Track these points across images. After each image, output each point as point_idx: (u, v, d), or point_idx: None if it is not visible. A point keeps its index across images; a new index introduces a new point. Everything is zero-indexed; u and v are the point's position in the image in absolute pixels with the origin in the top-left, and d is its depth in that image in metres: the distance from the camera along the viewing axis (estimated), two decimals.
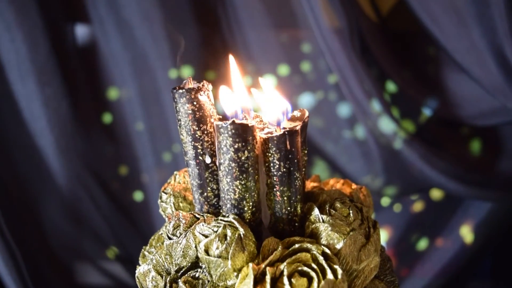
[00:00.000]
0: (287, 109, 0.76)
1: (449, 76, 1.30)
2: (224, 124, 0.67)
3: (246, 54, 1.37)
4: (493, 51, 1.16)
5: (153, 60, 1.33)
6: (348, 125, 1.38)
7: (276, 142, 0.69)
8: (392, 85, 1.34)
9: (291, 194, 0.71)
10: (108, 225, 1.41)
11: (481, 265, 1.44)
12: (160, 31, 1.30)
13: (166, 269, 0.73)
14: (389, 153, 1.33)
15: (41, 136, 1.31)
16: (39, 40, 1.26)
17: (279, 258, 0.68)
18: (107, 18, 1.31)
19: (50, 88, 1.28)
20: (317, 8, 1.24)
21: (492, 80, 1.19)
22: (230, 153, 0.68)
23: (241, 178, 0.69)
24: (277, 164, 0.70)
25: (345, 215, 0.73)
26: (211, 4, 1.35)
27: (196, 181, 0.74)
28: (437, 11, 1.21)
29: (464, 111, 1.30)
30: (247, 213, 0.71)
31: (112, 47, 1.34)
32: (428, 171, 1.28)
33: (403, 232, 1.44)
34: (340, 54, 1.25)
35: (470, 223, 1.37)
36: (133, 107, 1.38)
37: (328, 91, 1.38)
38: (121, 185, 1.45)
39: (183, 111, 0.71)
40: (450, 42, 1.22)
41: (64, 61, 1.30)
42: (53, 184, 1.35)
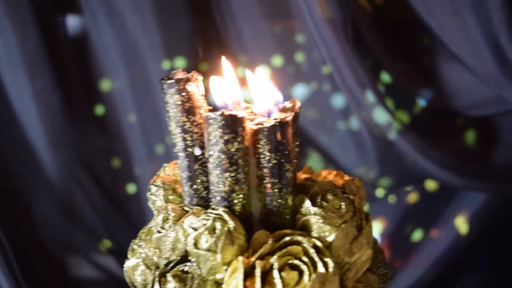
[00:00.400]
0: (279, 99, 0.75)
1: (444, 66, 1.29)
2: (214, 115, 0.66)
3: (239, 44, 1.36)
4: (488, 41, 1.15)
5: (145, 51, 1.31)
6: (342, 116, 1.37)
7: (266, 133, 0.68)
8: (386, 76, 1.33)
9: (282, 186, 0.70)
10: (100, 218, 1.40)
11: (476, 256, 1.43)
12: (152, 21, 1.29)
13: (155, 263, 0.72)
14: (383, 144, 1.32)
15: (31, 129, 1.30)
16: (29, 30, 1.24)
17: (270, 251, 0.67)
18: (98, 9, 1.29)
19: (40, 79, 1.27)
20: None
21: (487, 70, 1.18)
22: (219, 144, 0.67)
23: (231, 170, 0.68)
24: (267, 156, 0.69)
25: (337, 207, 0.72)
26: None
27: (186, 173, 0.73)
28: (432, 1, 1.20)
29: (459, 101, 1.29)
30: (237, 206, 0.70)
31: (103, 38, 1.32)
32: (422, 162, 1.28)
33: (397, 223, 1.43)
34: (333, 44, 1.24)
35: (465, 214, 1.36)
36: (125, 98, 1.37)
37: (322, 82, 1.36)
38: (113, 177, 1.44)
39: (171, 102, 0.70)
40: (445, 32, 1.21)
41: (55, 52, 1.29)
42: (44, 177, 1.34)
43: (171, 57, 1.32)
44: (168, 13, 1.30)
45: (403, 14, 1.29)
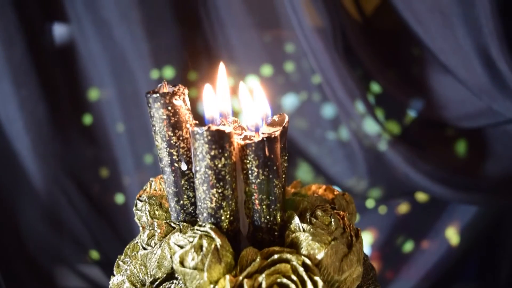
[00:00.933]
0: (267, 114, 0.73)
1: (434, 77, 1.28)
2: (200, 130, 0.64)
3: (229, 54, 1.35)
4: (478, 52, 1.14)
5: (132, 60, 1.30)
6: (332, 127, 1.36)
7: (254, 149, 0.66)
8: (376, 86, 1.32)
9: (270, 203, 0.69)
10: (87, 229, 1.39)
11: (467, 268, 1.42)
12: (140, 30, 1.27)
13: (140, 280, 0.70)
14: (373, 155, 1.31)
15: (17, 139, 1.28)
16: (14, 39, 1.23)
17: (258, 270, 0.65)
18: (85, 17, 1.28)
19: (26, 89, 1.25)
20: (299, 7, 1.21)
21: (477, 81, 1.17)
22: (206, 160, 0.65)
23: (218, 186, 0.66)
24: (255, 172, 0.67)
25: (326, 223, 0.71)
26: (192, 3, 1.32)
27: (172, 188, 0.71)
28: (422, 11, 1.19)
29: (449, 113, 1.28)
30: (225, 222, 0.68)
31: (90, 47, 1.31)
32: (413, 174, 1.27)
33: (388, 234, 1.42)
34: (323, 54, 1.23)
35: (456, 225, 1.36)
36: (113, 108, 1.35)
37: (312, 92, 1.35)
38: (101, 188, 1.42)
39: (157, 116, 0.68)
40: (434, 43, 1.21)
41: (41, 61, 1.27)
42: (30, 188, 1.32)
43: (159, 66, 1.31)
44: (156, 22, 1.29)
45: (392, 24, 1.29)
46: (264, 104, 0.73)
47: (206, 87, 0.73)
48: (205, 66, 1.37)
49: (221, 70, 0.76)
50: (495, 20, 1.11)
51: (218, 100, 0.73)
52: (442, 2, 1.15)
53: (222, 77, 0.75)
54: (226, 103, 0.74)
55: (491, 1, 1.10)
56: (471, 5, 1.12)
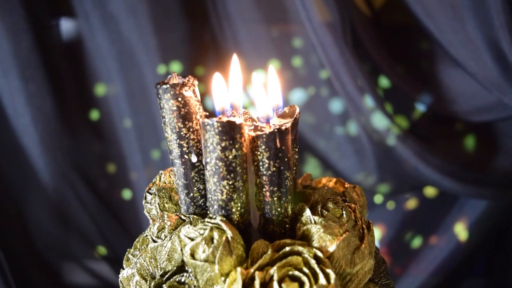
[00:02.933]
0: (278, 105, 0.72)
1: (444, 71, 1.28)
2: (211, 121, 0.63)
3: (236, 49, 1.34)
4: (488, 45, 1.14)
5: (140, 55, 1.30)
6: (340, 122, 1.36)
7: (265, 140, 0.65)
8: (385, 80, 1.32)
9: (281, 195, 0.68)
10: (95, 224, 1.39)
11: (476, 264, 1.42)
12: (147, 25, 1.27)
13: (150, 273, 0.70)
14: (382, 149, 1.31)
15: (25, 134, 1.28)
16: (22, 34, 1.22)
17: (269, 262, 0.65)
18: (93, 12, 1.27)
19: (34, 84, 1.25)
20: (309, 2, 1.21)
21: (487, 74, 1.16)
22: (217, 151, 0.64)
23: (229, 178, 0.65)
24: (266, 163, 0.66)
25: (338, 216, 0.70)
26: None
27: (182, 181, 0.71)
28: (432, 4, 1.18)
29: (460, 107, 1.27)
30: (235, 215, 0.68)
31: (97, 42, 1.30)
32: (423, 168, 1.26)
33: (396, 230, 1.42)
34: (332, 48, 1.22)
35: (464, 221, 1.35)
36: (120, 103, 1.35)
37: (320, 87, 1.35)
38: (108, 183, 1.42)
39: (167, 108, 0.67)
40: (444, 36, 1.20)
41: (48, 56, 1.27)
42: (38, 183, 1.32)
43: (167, 61, 1.30)
44: (164, 16, 1.28)
45: (402, 17, 1.28)
46: (277, 94, 0.72)
47: (215, 76, 0.72)
48: (213, 61, 1.37)
49: (234, 62, 0.75)
50: (506, 13, 1.10)
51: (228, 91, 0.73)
52: None
53: (235, 70, 0.75)
54: (237, 95, 0.73)
55: None
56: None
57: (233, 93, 0.72)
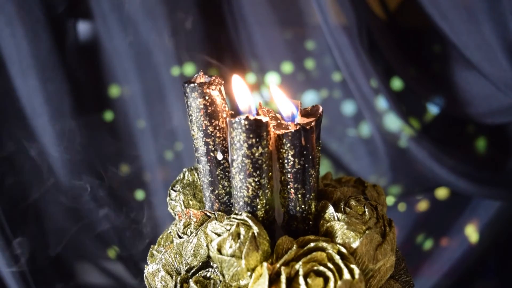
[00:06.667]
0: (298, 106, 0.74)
1: (458, 73, 1.28)
2: (238, 120, 0.65)
3: (251, 51, 1.35)
4: (504, 47, 1.14)
5: (156, 56, 1.31)
6: (352, 123, 1.37)
7: (291, 138, 0.67)
8: (399, 82, 1.33)
9: (305, 192, 0.69)
10: (109, 224, 1.40)
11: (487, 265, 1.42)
12: (164, 27, 1.28)
13: (175, 269, 0.71)
14: (395, 151, 1.31)
15: (42, 133, 1.29)
16: (41, 35, 1.24)
17: (294, 258, 0.66)
18: (110, 14, 1.29)
19: (52, 84, 1.26)
20: (324, 4, 1.22)
21: (503, 76, 1.17)
22: (243, 149, 0.66)
23: (255, 175, 0.67)
24: (291, 161, 0.68)
25: (360, 213, 0.71)
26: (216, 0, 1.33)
27: (207, 178, 0.72)
28: (447, 6, 1.19)
29: (474, 109, 1.28)
30: (260, 211, 0.69)
31: (115, 43, 1.31)
32: (438, 169, 1.27)
33: (408, 232, 1.42)
34: (348, 50, 1.23)
35: (475, 223, 1.36)
36: (136, 104, 1.36)
37: (332, 89, 1.36)
38: (123, 183, 1.43)
39: (194, 106, 0.69)
40: (459, 38, 1.20)
41: (67, 57, 1.28)
42: (54, 183, 1.33)
43: (182, 62, 1.31)
44: (181, 19, 1.29)
45: (416, 20, 1.29)
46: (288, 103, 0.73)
47: (234, 78, 0.73)
48: (228, 62, 1.38)
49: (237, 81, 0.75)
50: None
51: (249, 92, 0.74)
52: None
53: (241, 84, 0.75)
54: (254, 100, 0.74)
55: None
56: (496, 1, 1.12)
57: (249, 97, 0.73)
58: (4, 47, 1.23)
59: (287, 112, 0.71)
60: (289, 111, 0.71)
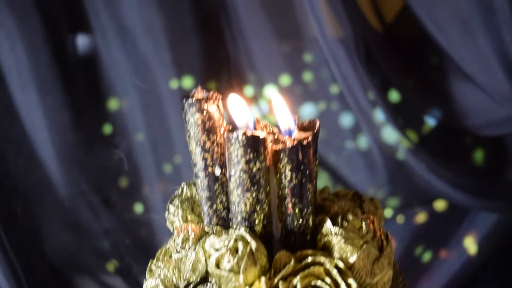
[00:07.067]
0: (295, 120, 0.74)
1: (455, 85, 1.29)
2: (236, 135, 0.65)
3: (249, 63, 1.36)
4: (500, 59, 1.15)
5: (155, 69, 1.31)
6: (350, 136, 1.37)
7: (288, 153, 0.67)
8: (396, 94, 1.33)
9: (303, 206, 0.70)
10: (108, 237, 1.40)
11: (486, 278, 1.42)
12: (163, 40, 1.29)
13: (174, 284, 0.71)
14: (393, 163, 1.32)
15: (42, 147, 1.29)
16: (40, 49, 1.24)
17: (292, 272, 0.66)
18: (109, 28, 1.29)
19: (51, 98, 1.27)
20: (321, 17, 1.23)
21: (499, 88, 1.18)
22: (241, 164, 0.66)
23: (252, 190, 0.67)
24: (288, 176, 0.68)
25: (357, 227, 0.72)
26: (214, 13, 1.34)
27: (206, 193, 0.72)
28: (443, 19, 1.20)
29: (471, 121, 1.29)
30: (258, 226, 0.69)
31: (113, 56, 1.32)
32: (436, 182, 1.27)
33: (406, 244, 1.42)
34: (345, 63, 1.24)
35: (474, 234, 1.36)
36: (134, 117, 1.37)
37: (330, 101, 1.36)
38: (121, 197, 1.43)
39: (192, 121, 0.69)
40: (456, 50, 1.21)
41: (66, 71, 1.29)
42: (53, 196, 1.33)
43: (180, 75, 1.32)
44: (179, 32, 1.30)
45: (413, 32, 1.30)
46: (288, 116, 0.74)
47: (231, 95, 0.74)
48: (226, 76, 1.38)
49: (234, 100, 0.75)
50: None
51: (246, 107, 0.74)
52: (463, 11, 1.16)
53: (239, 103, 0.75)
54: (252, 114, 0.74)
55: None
56: (492, 13, 1.13)
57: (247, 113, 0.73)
58: (3, 60, 1.24)
59: (285, 127, 0.71)
60: (286, 125, 0.71)
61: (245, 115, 0.72)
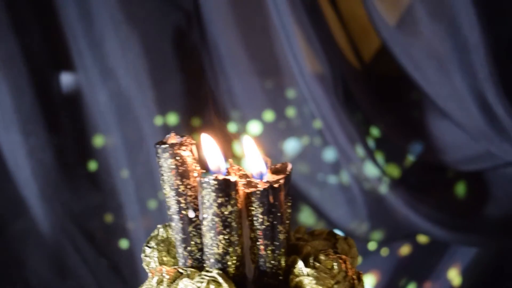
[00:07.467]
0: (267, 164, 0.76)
1: (432, 121, 1.31)
2: (207, 179, 0.67)
3: (231, 101, 1.38)
4: (474, 96, 1.17)
5: (138, 108, 1.33)
6: (333, 171, 1.38)
7: (259, 197, 0.69)
8: (376, 130, 1.35)
9: (274, 248, 0.71)
10: (93, 275, 1.40)
11: None
12: (145, 79, 1.30)
13: None
14: (373, 199, 1.33)
15: (25, 186, 1.30)
16: (24, 89, 1.26)
17: None
18: (92, 67, 1.31)
19: (34, 137, 1.28)
20: (300, 55, 1.25)
21: (474, 124, 1.20)
22: (213, 208, 0.67)
23: (225, 232, 0.68)
24: (260, 218, 0.69)
25: (329, 267, 0.73)
26: (196, 52, 1.36)
27: (180, 235, 0.73)
28: (419, 57, 1.22)
29: (449, 157, 1.30)
30: (231, 268, 0.70)
31: (97, 95, 1.33)
32: (413, 217, 1.28)
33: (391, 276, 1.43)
34: (323, 100, 1.26)
35: (458, 266, 1.37)
36: (118, 155, 1.38)
37: (313, 137, 1.38)
38: (106, 233, 1.43)
39: (166, 166, 0.71)
40: (432, 88, 1.23)
41: (49, 110, 1.30)
42: (37, 235, 1.33)
43: (164, 113, 1.33)
44: (161, 70, 1.32)
45: (391, 70, 1.31)
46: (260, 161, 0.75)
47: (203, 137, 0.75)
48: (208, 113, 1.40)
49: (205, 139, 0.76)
50: (490, 66, 1.14)
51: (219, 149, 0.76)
52: (439, 49, 1.19)
53: (210, 142, 0.76)
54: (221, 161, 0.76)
55: (486, 48, 1.14)
56: (466, 51, 1.15)
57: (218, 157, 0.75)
58: None
59: (256, 170, 0.73)
60: (258, 169, 0.73)
61: (217, 158, 0.74)
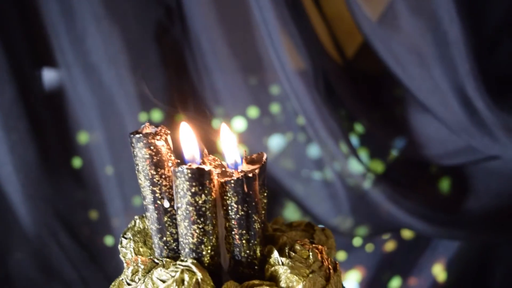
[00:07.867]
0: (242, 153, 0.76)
1: (414, 116, 1.32)
2: (181, 169, 0.67)
3: (214, 97, 1.38)
4: (455, 91, 1.18)
5: (121, 104, 1.33)
6: (317, 167, 1.39)
7: (233, 186, 0.69)
8: (359, 126, 1.35)
9: (249, 237, 0.71)
10: (77, 271, 1.40)
11: None
12: (128, 75, 1.30)
13: None
14: (356, 194, 1.34)
15: (7, 183, 1.30)
16: (5, 85, 1.25)
17: None
18: (74, 63, 1.31)
19: (16, 133, 1.28)
20: (282, 51, 1.25)
21: (455, 119, 1.21)
22: (187, 197, 0.68)
23: (199, 222, 0.69)
24: (235, 208, 0.70)
25: (304, 257, 0.73)
26: (178, 49, 1.36)
27: (155, 225, 0.74)
28: (400, 53, 1.23)
29: (431, 151, 1.31)
30: (206, 257, 0.71)
31: (79, 91, 1.33)
32: (396, 212, 1.29)
33: (375, 272, 1.44)
34: (305, 96, 1.26)
35: (442, 261, 1.37)
36: (102, 151, 1.38)
37: (297, 133, 1.38)
38: (90, 230, 1.43)
39: (140, 156, 0.71)
40: (413, 83, 1.24)
41: (31, 106, 1.30)
42: (20, 231, 1.33)
43: (147, 109, 1.33)
44: (144, 66, 1.32)
45: (373, 65, 1.32)
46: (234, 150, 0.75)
47: (182, 125, 0.76)
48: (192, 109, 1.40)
49: (184, 128, 0.77)
50: (470, 61, 1.15)
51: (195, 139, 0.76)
52: (419, 44, 1.19)
53: (189, 132, 0.77)
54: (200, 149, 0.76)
55: (466, 42, 1.14)
56: (446, 45, 1.16)
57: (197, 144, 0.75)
58: None
59: (231, 160, 0.73)
60: (233, 158, 0.73)
61: (193, 148, 0.74)
